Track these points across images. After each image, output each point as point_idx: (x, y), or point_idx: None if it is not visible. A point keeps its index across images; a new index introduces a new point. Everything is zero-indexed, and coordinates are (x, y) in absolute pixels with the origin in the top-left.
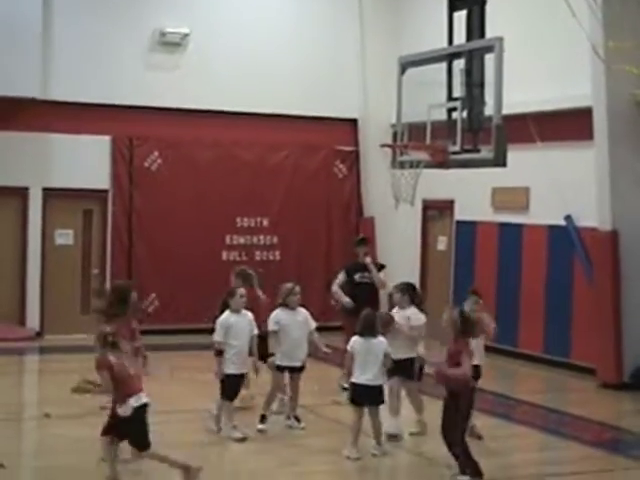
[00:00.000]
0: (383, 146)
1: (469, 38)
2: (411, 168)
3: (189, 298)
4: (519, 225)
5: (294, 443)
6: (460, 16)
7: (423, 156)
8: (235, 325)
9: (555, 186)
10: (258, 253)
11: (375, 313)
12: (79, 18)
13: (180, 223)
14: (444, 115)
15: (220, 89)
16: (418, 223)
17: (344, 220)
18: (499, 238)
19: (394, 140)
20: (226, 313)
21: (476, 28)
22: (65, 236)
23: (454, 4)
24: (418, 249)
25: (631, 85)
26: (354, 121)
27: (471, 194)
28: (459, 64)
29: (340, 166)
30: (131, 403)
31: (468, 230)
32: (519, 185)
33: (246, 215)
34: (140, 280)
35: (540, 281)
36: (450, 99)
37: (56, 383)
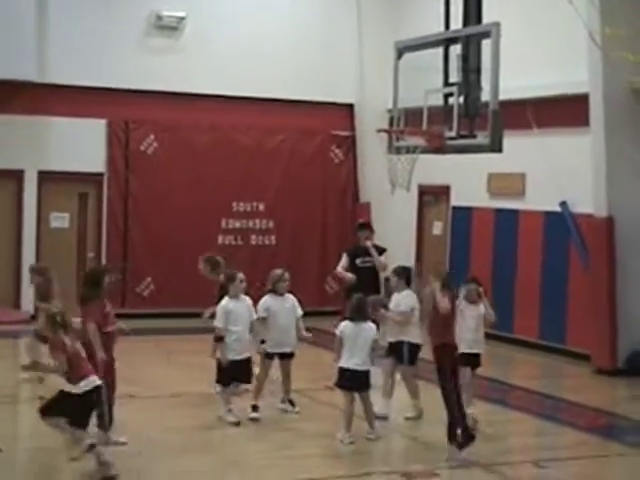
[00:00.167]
0: (379, 131)
1: (466, 23)
2: (407, 153)
3: (184, 282)
4: (515, 211)
5: (288, 427)
6: (457, 1)
7: (419, 141)
8: (234, 311)
9: (551, 172)
10: (254, 237)
11: (365, 297)
12: (76, 1)
13: (176, 207)
14: (440, 100)
15: (216, 73)
16: (414, 208)
17: (340, 205)
18: (495, 224)
19: (390, 125)
20: (225, 299)
21: (473, 13)
22: (60, 219)
23: None
24: (414, 234)
25: (628, 72)
26: (350, 106)
27: (467, 180)
28: (456, 49)
29: (336, 151)
30: (82, 385)
31: (464, 216)
32: (515, 171)
33: (242, 199)
34: (136, 264)
35: (535, 267)
36: (447, 84)
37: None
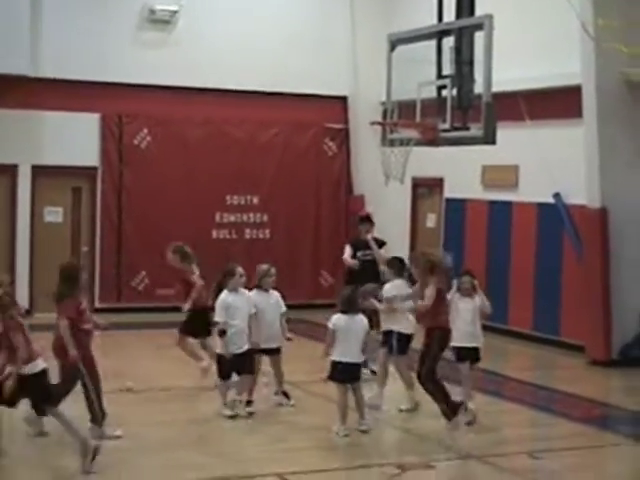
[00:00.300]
0: (373, 124)
1: (459, 15)
2: (401, 146)
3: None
4: (508, 203)
5: (283, 420)
6: None
7: (413, 134)
8: (233, 304)
9: (544, 164)
10: (248, 231)
11: (357, 289)
12: None
13: (170, 201)
14: (434, 93)
15: (209, 66)
16: (408, 201)
17: (334, 198)
18: (488, 216)
19: (384, 118)
20: (224, 293)
21: (466, 6)
22: (54, 214)
23: None
24: (408, 226)
25: (620, 63)
26: (344, 99)
27: (461, 172)
28: (449, 42)
29: (330, 144)
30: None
31: (458, 208)
32: (509, 163)
33: (236, 193)
34: (130, 258)
35: (529, 258)
36: (440, 77)
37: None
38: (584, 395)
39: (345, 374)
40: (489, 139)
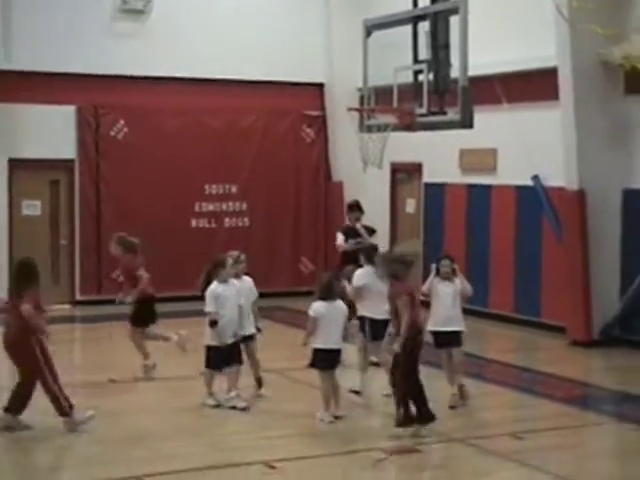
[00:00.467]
0: (350, 110)
1: (434, 0)
2: (379, 131)
3: (158, 266)
4: (487, 186)
5: (267, 408)
6: None
7: (390, 119)
8: (223, 294)
9: (522, 147)
10: (227, 220)
11: (335, 276)
12: None
13: (148, 192)
14: (410, 78)
15: (185, 56)
16: (387, 186)
17: (313, 185)
18: (468, 200)
19: (361, 104)
20: (214, 283)
21: None
22: (32, 207)
23: None
24: (387, 212)
25: (596, 44)
26: (321, 85)
27: (439, 156)
28: (424, 26)
29: (308, 131)
30: None
31: (437, 192)
32: (486, 146)
33: (214, 182)
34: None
35: (509, 241)
36: (416, 62)
37: None
38: (566, 376)
39: (327, 361)
40: (466, 123)
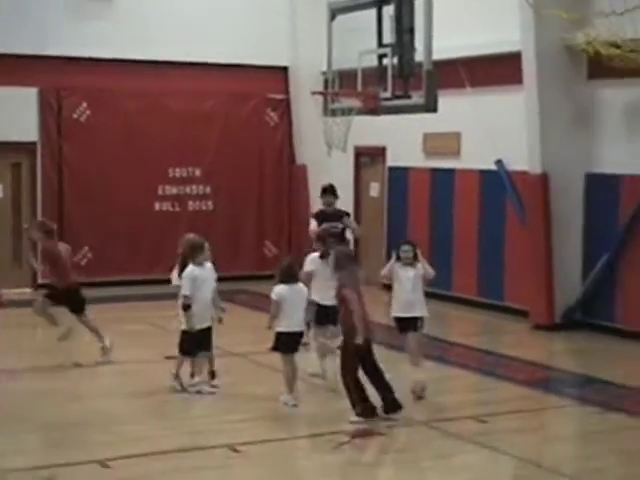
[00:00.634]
0: (314, 93)
1: None
2: (343, 115)
3: (122, 250)
4: (451, 170)
5: (231, 392)
6: None
7: (354, 103)
8: (200, 277)
9: (486, 131)
10: (191, 203)
11: (294, 260)
12: None
13: (111, 175)
14: (375, 62)
15: (148, 38)
16: (350, 170)
17: (277, 168)
18: (431, 183)
19: (325, 87)
20: (190, 266)
21: None
22: None
23: None
24: (351, 196)
25: (560, 29)
26: (285, 69)
27: (403, 140)
28: (389, 10)
29: (271, 114)
30: None
31: (400, 176)
32: (450, 130)
33: (178, 165)
34: (72, 233)
35: (473, 225)
36: (380, 45)
37: None
38: (528, 359)
39: (290, 344)
40: (430, 107)
